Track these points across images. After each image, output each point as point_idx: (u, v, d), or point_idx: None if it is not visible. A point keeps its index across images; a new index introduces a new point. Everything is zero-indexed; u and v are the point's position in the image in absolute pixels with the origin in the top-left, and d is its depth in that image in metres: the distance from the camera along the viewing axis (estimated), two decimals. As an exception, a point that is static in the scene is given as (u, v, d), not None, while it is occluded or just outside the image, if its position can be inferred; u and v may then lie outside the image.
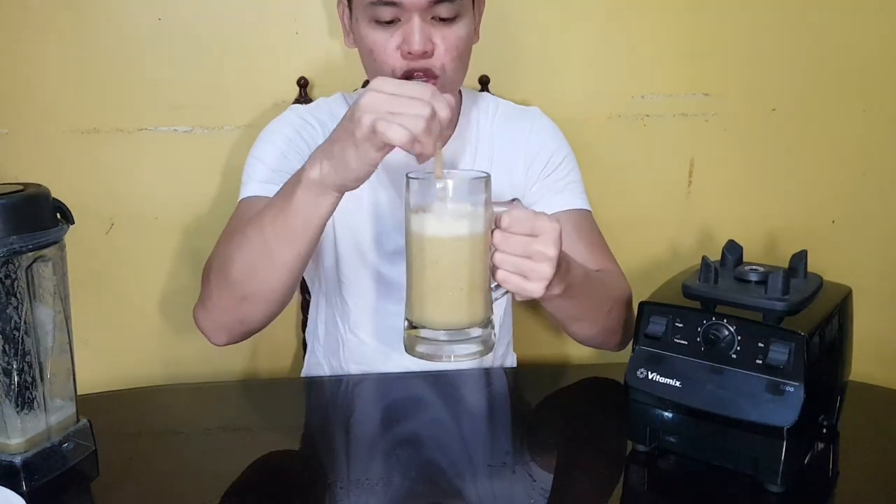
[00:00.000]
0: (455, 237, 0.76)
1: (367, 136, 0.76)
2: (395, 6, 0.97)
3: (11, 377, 0.84)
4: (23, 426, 0.85)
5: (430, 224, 0.76)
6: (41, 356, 0.85)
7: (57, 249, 0.86)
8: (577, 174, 1.18)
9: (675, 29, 1.39)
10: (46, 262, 0.85)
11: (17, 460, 0.84)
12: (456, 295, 0.77)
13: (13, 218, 0.81)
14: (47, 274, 0.85)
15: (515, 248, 0.79)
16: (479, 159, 1.15)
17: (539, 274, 0.79)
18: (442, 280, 0.77)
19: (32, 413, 0.85)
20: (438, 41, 0.99)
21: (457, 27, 1.01)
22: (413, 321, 0.80)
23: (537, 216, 0.80)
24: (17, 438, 0.85)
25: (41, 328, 0.85)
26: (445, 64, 1.01)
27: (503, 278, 0.79)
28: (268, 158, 1.08)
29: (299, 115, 1.13)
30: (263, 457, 0.95)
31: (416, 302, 0.79)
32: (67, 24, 1.29)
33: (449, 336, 0.78)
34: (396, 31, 0.99)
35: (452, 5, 0.98)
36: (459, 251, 0.77)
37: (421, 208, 0.77)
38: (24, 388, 0.84)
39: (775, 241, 1.48)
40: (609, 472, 0.92)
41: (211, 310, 0.98)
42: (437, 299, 0.78)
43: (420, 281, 0.78)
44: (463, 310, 0.78)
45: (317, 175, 0.82)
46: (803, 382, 0.80)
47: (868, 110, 1.46)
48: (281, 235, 0.88)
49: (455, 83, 1.05)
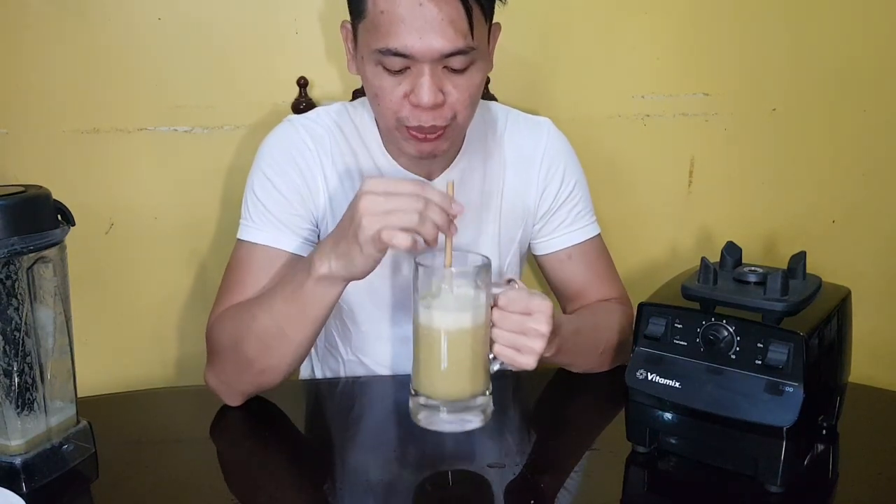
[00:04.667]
0: (459, 325, 0.84)
1: (370, 241, 0.83)
2: (406, 58, 0.91)
3: (12, 378, 0.84)
4: (23, 427, 0.85)
5: (437, 312, 0.84)
6: (41, 357, 0.85)
7: (57, 251, 0.86)
8: (587, 197, 1.16)
9: (675, 29, 1.39)
10: (47, 264, 0.85)
11: (17, 461, 0.84)
12: (460, 371, 0.85)
13: (14, 219, 0.81)
14: (48, 275, 0.85)
15: (512, 325, 0.86)
16: (490, 178, 1.11)
17: (531, 349, 0.87)
18: (447, 359, 0.85)
19: (33, 414, 0.86)
20: (451, 89, 0.93)
21: (470, 75, 0.94)
22: (420, 392, 0.87)
23: (532, 296, 0.87)
24: (17, 440, 0.85)
25: (41, 329, 0.85)
26: (458, 112, 0.95)
27: (499, 352, 0.87)
28: (269, 203, 1.04)
29: (296, 140, 1.06)
30: (263, 459, 0.95)
31: (424, 377, 0.87)
32: (67, 23, 1.29)
33: (452, 407, 0.86)
34: (405, 79, 0.93)
35: (466, 57, 0.92)
36: (463, 335, 0.84)
37: (428, 295, 0.84)
38: (24, 390, 0.85)
39: (775, 242, 1.48)
40: (609, 473, 0.92)
41: (226, 381, 1.01)
42: (444, 375, 0.85)
43: (428, 359, 0.86)
44: (466, 383, 0.86)
45: (326, 271, 0.89)
46: (803, 383, 0.80)
47: (868, 110, 1.46)
48: (294, 320, 0.94)
49: (464, 128, 1.01)
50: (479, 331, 0.85)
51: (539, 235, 1.16)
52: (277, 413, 1.05)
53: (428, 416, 0.86)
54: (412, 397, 0.88)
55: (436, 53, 0.90)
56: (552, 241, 1.15)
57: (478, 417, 0.87)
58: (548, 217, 1.14)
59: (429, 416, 0.86)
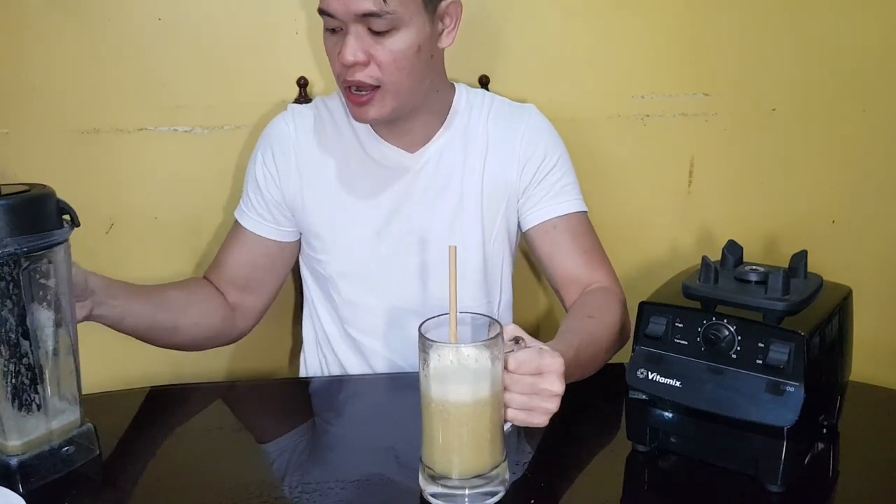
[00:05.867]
0: (476, 398, 0.79)
1: None
2: (332, 17, 1.01)
3: (8, 379, 0.83)
4: (21, 428, 0.85)
5: (452, 387, 0.79)
6: (40, 358, 0.85)
7: (61, 251, 0.85)
8: (571, 175, 1.18)
9: (675, 29, 1.39)
10: (49, 264, 0.84)
11: (13, 462, 0.83)
12: (479, 444, 0.80)
13: (17, 219, 0.80)
14: (50, 275, 0.85)
15: (524, 388, 0.83)
16: (472, 156, 1.15)
17: (545, 409, 0.83)
18: (467, 434, 0.80)
19: (32, 415, 0.85)
20: (375, 51, 1.01)
21: (392, 40, 1.01)
22: (435, 469, 0.82)
23: (541, 354, 0.83)
24: (14, 440, 0.84)
25: (41, 330, 0.85)
26: (383, 77, 1.02)
27: (513, 416, 0.83)
28: (249, 187, 1.19)
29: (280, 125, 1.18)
30: (265, 457, 0.95)
31: (439, 454, 0.81)
32: (68, 24, 1.29)
33: (472, 483, 0.81)
34: (339, 40, 1.02)
35: (383, 20, 0.99)
36: (483, 407, 0.80)
37: (440, 370, 0.79)
38: (21, 391, 0.84)
39: (775, 241, 1.48)
40: (609, 472, 0.92)
41: None
42: (461, 451, 0.81)
43: (442, 435, 0.81)
44: (486, 456, 0.81)
45: None
46: (803, 382, 0.80)
47: (868, 110, 1.46)
48: None
49: (402, 93, 1.05)
50: (496, 400, 0.81)
51: (524, 210, 1.17)
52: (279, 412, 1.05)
53: (442, 493, 0.81)
54: (424, 469, 0.83)
55: (349, 13, 0.99)
56: (536, 212, 1.16)
57: (500, 488, 0.82)
58: (531, 191, 1.16)
59: (443, 494, 0.81)
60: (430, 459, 0.82)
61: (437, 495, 0.82)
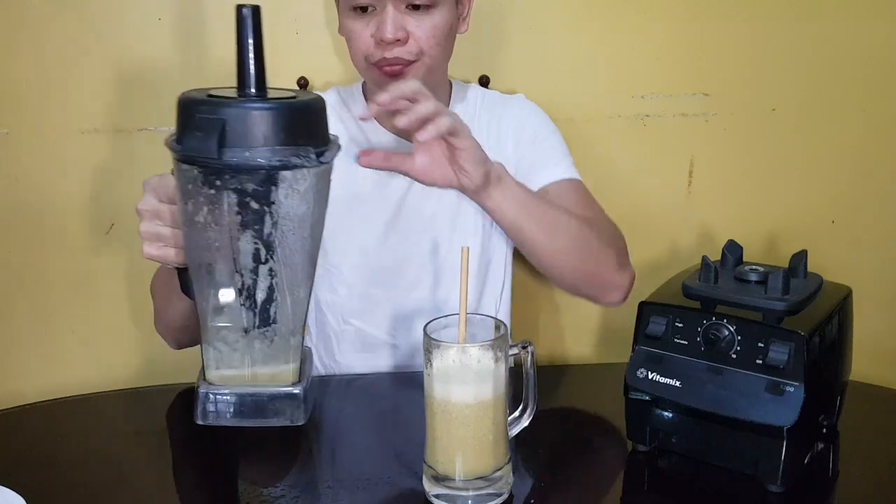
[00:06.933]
0: (481, 399, 0.79)
1: None
2: None
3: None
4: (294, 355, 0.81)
5: (457, 387, 0.79)
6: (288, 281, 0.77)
7: (325, 171, 0.75)
8: (565, 147, 1.20)
9: (675, 29, 1.39)
10: (307, 186, 0.72)
11: (297, 390, 0.81)
12: (483, 446, 0.80)
13: (290, 126, 0.69)
14: (304, 199, 0.74)
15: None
16: None
17: (416, 110, 0.88)
18: (472, 435, 0.80)
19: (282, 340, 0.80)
20: (413, 29, 1.02)
21: (432, 15, 1.03)
22: (438, 470, 0.82)
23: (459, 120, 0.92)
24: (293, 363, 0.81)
25: (291, 252, 0.77)
26: (424, 49, 1.04)
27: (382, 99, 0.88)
28: None
29: None
30: (265, 456, 0.95)
31: (442, 454, 0.81)
32: (67, 23, 1.29)
33: (475, 485, 0.81)
34: (372, 20, 1.02)
35: None
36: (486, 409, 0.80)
37: (445, 370, 0.79)
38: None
39: (775, 241, 1.48)
40: (609, 472, 0.92)
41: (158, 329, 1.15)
42: (464, 452, 0.81)
43: (446, 436, 0.81)
44: (488, 458, 0.81)
45: None
46: (803, 382, 0.80)
47: (868, 110, 1.46)
48: None
49: (437, 68, 1.08)
50: (499, 402, 0.81)
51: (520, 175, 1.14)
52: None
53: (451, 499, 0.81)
54: (427, 470, 0.83)
55: None
56: (530, 181, 1.13)
57: (504, 491, 0.82)
58: (522, 162, 1.16)
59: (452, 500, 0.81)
60: (433, 460, 0.82)
61: (440, 496, 0.81)
